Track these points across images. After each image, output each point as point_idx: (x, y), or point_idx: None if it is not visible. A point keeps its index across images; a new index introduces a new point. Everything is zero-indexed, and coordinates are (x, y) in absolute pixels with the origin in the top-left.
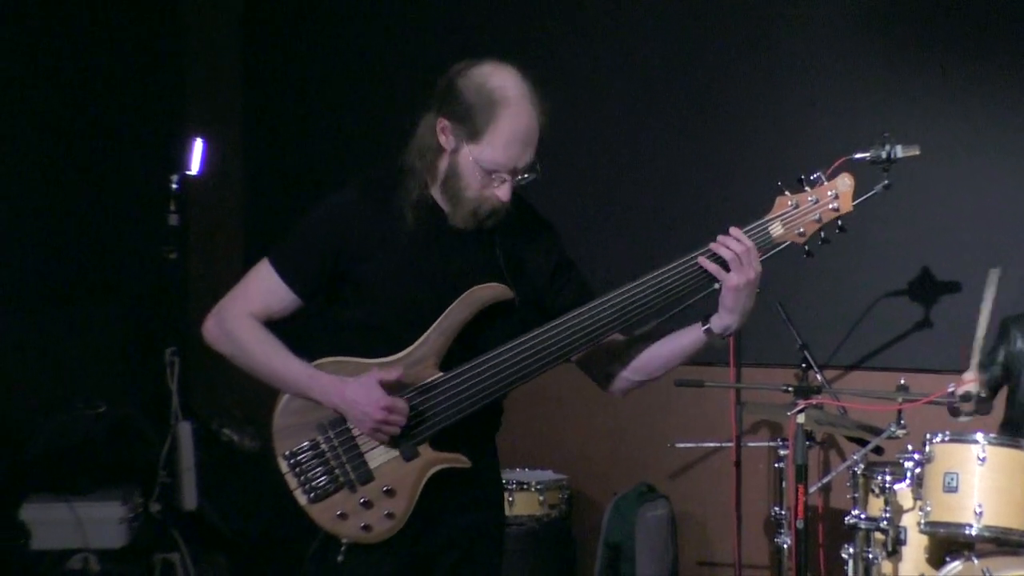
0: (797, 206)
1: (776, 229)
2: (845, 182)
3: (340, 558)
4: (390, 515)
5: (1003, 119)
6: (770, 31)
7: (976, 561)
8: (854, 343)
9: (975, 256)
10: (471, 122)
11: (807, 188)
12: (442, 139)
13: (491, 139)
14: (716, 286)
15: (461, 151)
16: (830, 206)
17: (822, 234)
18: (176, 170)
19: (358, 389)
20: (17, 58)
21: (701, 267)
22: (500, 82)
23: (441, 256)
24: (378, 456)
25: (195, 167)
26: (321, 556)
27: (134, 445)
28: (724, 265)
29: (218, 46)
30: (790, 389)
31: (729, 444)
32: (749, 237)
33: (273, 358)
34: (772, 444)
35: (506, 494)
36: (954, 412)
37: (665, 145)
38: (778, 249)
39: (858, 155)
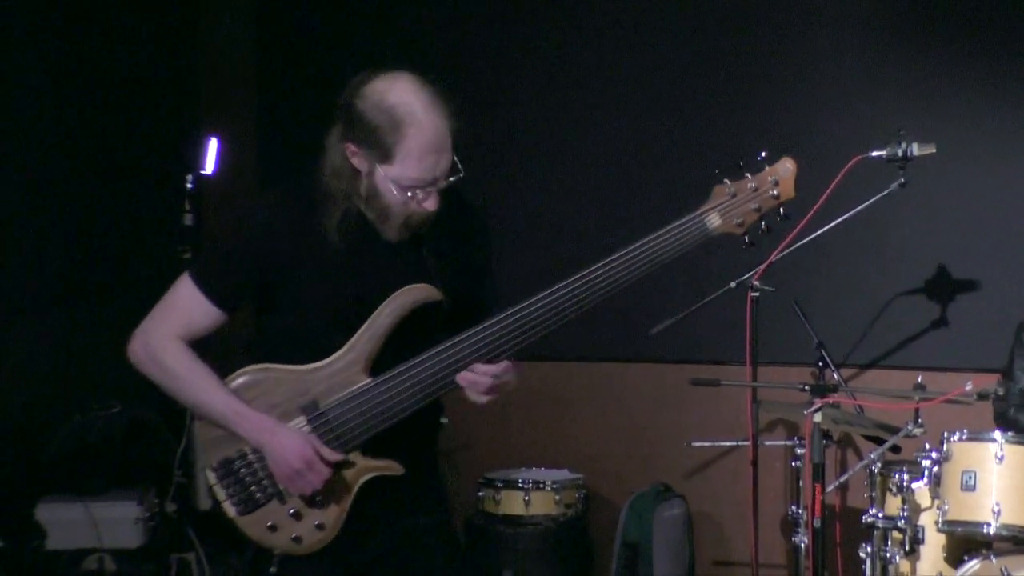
0: (735, 195)
1: (713, 220)
2: (786, 167)
3: (273, 569)
4: (320, 526)
5: (1021, 116)
6: (784, 28)
7: (994, 560)
8: (871, 341)
9: (992, 254)
10: (379, 143)
11: (747, 175)
12: (355, 161)
13: (403, 158)
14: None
15: (376, 173)
16: (770, 193)
17: (763, 223)
18: (190, 169)
19: (288, 436)
20: (30, 58)
21: (634, 268)
22: (398, 97)
23: (368, 260)
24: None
25: (210, 166)
26: (254, 568)
27: (149, 445)
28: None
29: (232, 44)
30: (807, 388)
31: (746, 443)
32: (684, 229)
33: (199, 391)
34: (789, 443)
35: (522, 494)
36: (1003, 418)
37: (671, 144)
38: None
39: (874, 153)
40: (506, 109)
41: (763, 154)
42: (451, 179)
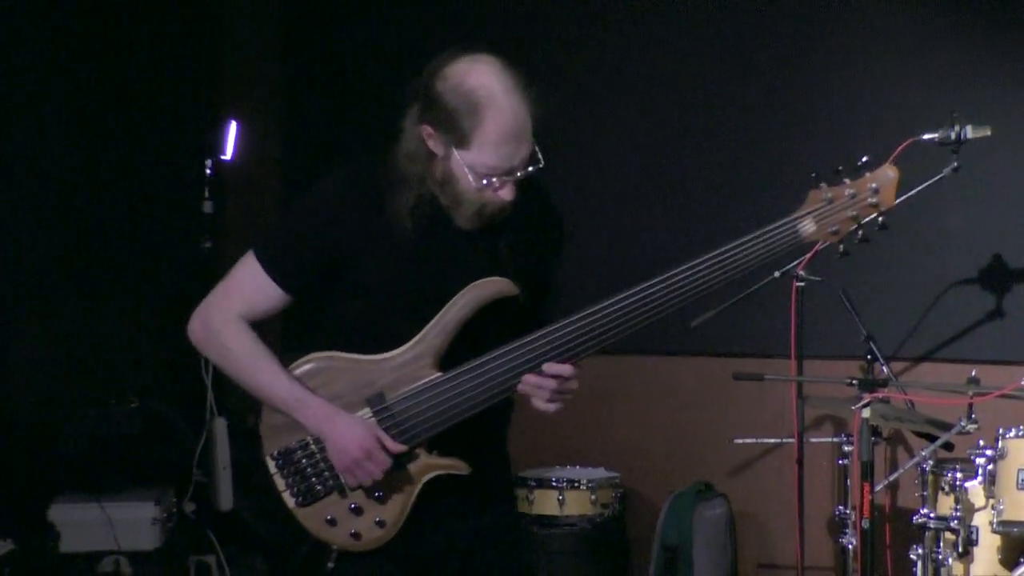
0: (831, 201)
1: (807, 226)
2: (887, 174)
3: (331, 565)
4: (380, 522)
5: None
6: (834, 7)
7: None
8: (922, 334)
9: None
10: (456, 127)
11: (845, 180)
12: (430, 144)
13: (480, 143)
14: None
15: (452, 157)
16: (869, 201)
17: (859, 232)
18: (210, 155)
19: (349, 423)
20: (43, 38)
21: (726, 272)
22: (478, 80)
23: (441, 249)
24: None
25: (229, 152)
26: (311, 563)
27: (167, 443)
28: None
29: (255, 21)
30: (855, 382)
31: (791, 440)
32: (776, 234)
33: (259, 372)
34: (836, 440)
35: (556, 493)
36: None
37: (718, 128)
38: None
39: (926, 136)
40: (584, 103)
41: (864, 159)
42: (530, 169)
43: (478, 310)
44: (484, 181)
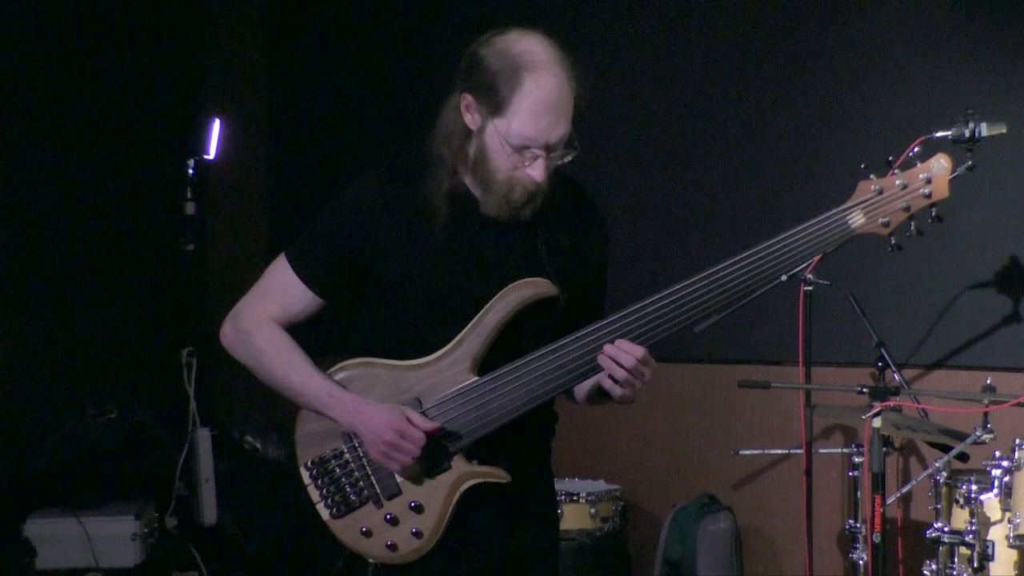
0: (882, 192)
1: (856, 219)
2: (941, 164)
3: None
4: (417, 533)
5: None
6: (848, 4)
7: None
8: (936, 339)
9: None
10: (495, 92)
11: (895, 171)
12: (467, 118)
13: (518, 109)
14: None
15: (487, 129)
16: (921, 191)
17: (912, 225)
18: (192, 154)
19: (379, 410)
20: (17, 36)
21: (775, 264)
22: (525, 46)
23: (476, 249)
24: (407, 467)
25: (212, 150)
26: None
27: (148, 454)
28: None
29: (239, 15)
30: (865, 390)
31: (798, 451)
32: (825, 226)
33: (292, 371)
34: (846, 451)
35: None
36: None
37: (735, 127)
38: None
39: (939, 134)
40: (619, 94)
41: (915, 149)
42: (565, 153)
43: (517, 313)
44: (518, 155)
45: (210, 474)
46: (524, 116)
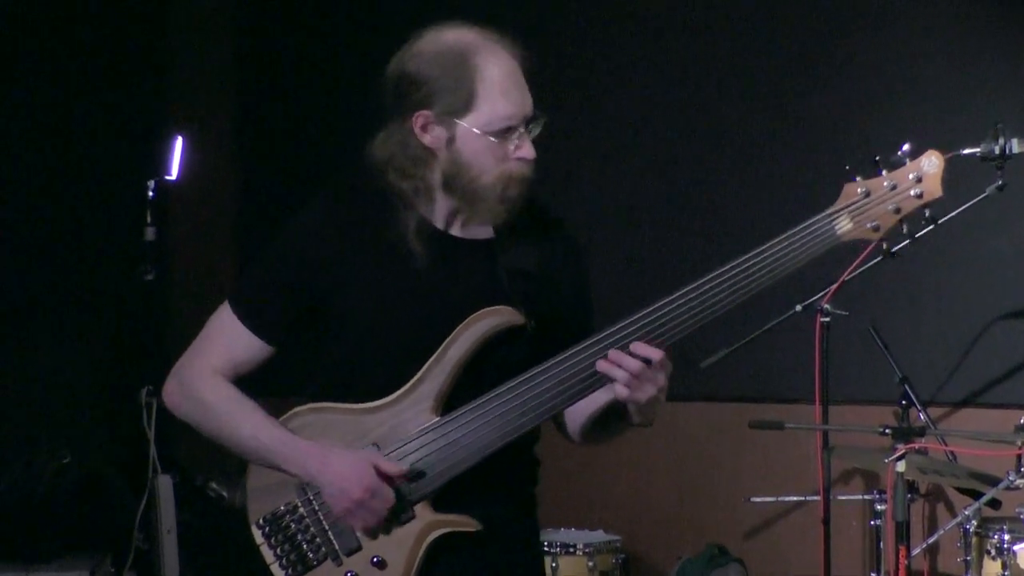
0: (869, 194)
1: (843, 224)
2: (932, 161)
3: None
4: None
5: None
6: (867, 10)
7: None
8: (964, 375)
9: None
10: (455, 91)
11: (883, 171)
12: (427, 139)
13: (487, 94)
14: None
15: (459, 134)
16: (912, 192)
17: (904, 228)
18: (152, 175)
19: (346, 461)
20: None
21: (759, 276)
22: (455, 37)
23: (435, 279)
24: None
25: (174, 171)
26: None
27: (104, 503)
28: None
29: (205, 25)
30: (888, 431)
31: (815, 498)
32: (810, 233)
33: (242, 424)
34: (867, 497)
35: (549, 559)
36: None
37: (741, 140)
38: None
39: (967, 150)
40: (591, 102)
41: (904, 147)
42: (539, 123)
43: (482, 344)
44: (505, 143)
45: (172, 525)
46: (496, 97)
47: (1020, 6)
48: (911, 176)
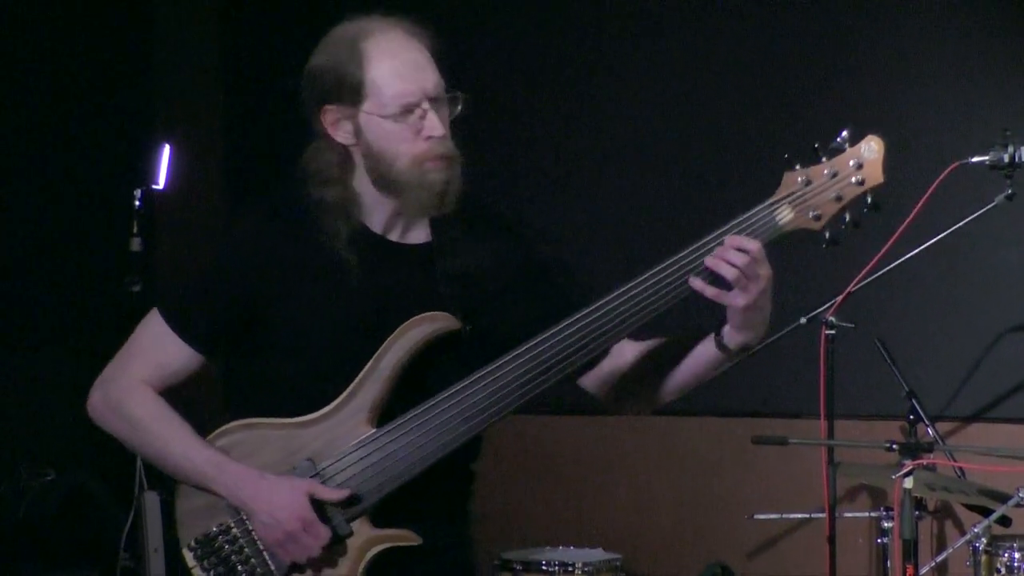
0: (809, 182)
1: (784, 214)
2: (871, 147)
3: None
4: None
5: None
6: (869, 13)
7: None
8: (974, 389)
9: None
10: (348, 81)
11: (823, 159)
12: (339, 135)
13: (376, 77)
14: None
15: (362, 123)
16: (852, 179)
17: (846, 216)
18: (139, 184)
19: (279, 488)
20: None
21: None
22: (350, 26)
23: (369, 286)
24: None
25: (161, 179)
26: None
27: (90, 521)
28: (722, 282)
29: (193, 31)
30: (895, 446)
31: (820, 515)
32: (750, 225)
33: (170, 442)
34: (873, 515)
35: None
36: None
37: (731, 143)
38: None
39: (974, 159)
40: (532, 104)
41: (843, 133)
42: (453, 101)
43: (417, 352)
44: (408, 125)
45: (159, 543)
46: (386, 76)
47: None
48: (851, 163)
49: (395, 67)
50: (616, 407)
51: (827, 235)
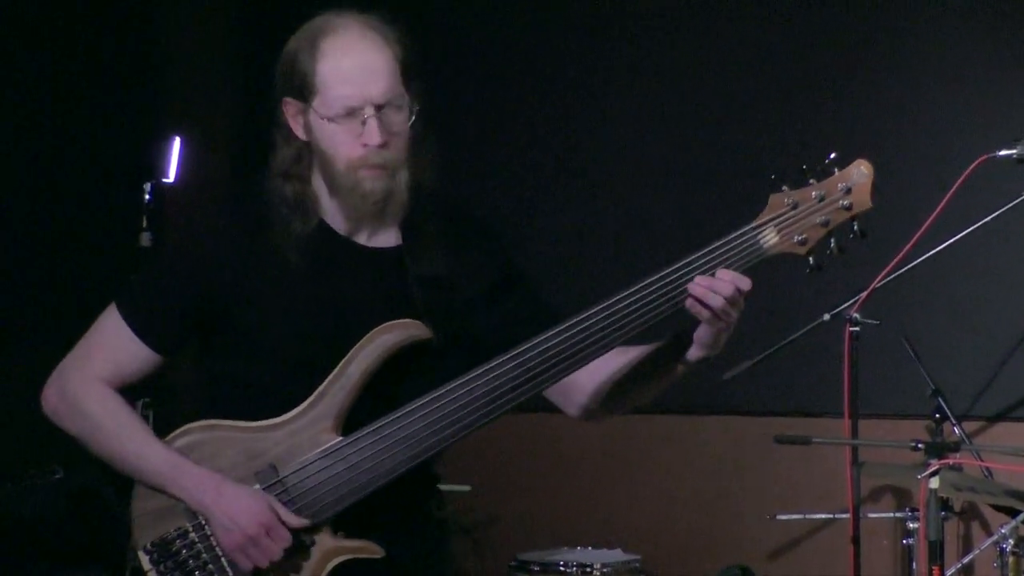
0: (796, 206)
1: (769, 237)
2: (861, 171)
3: None
4: None
5: None
6: (893, 5)
7: None
8: (1001, 387)
9: None
10: (302, 75)
11: (811, 181)
12: (297, 130)
13: (324, 76)
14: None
15: (310, 119)
16: (840, 203)
17: (832, 241)
18: (148, 177)
19: (239, 494)
20: None
21: (673, 298)
22: (321, 20)
23: (337, 289)
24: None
25: (171, 173)
26: None
27: (99, 521)
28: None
29: (205, 21)
30: (921, 446)
31: (844, 516)
32: (733, 248)
33: (128, 441)
34: (898, 515)
35: None
36: None
37: (740, 146)
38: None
39: (1002, 152)
40: (518, 109)
41: (832, 155)
42: (401, 111)
43: (385, 360)
44: (347, 130)
45: None
46: (334, 79)
47: None
48: (840, 187)
49: (343, 68)
50: (581, 418)
51: (811, 261)
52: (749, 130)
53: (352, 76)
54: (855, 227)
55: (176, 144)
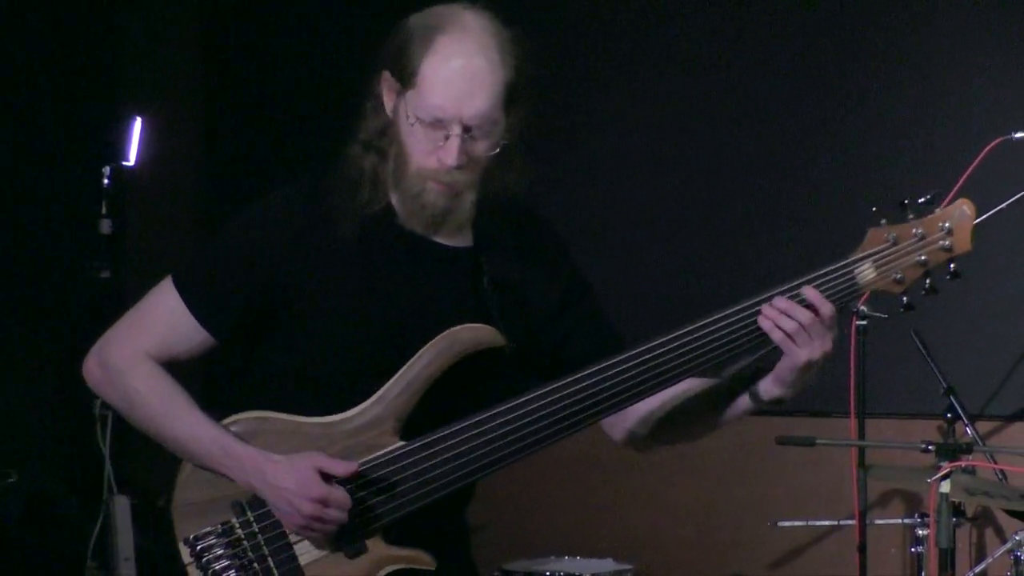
0: (896, 242)
1: (867, 273)
2: (963, 211)
3: None
4: None
5: None
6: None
7: None
8: (1016, 386)
9: None
10: (408, 60)
11: (911, 216)
12: (387, 99)
13: (425, 76)
14: None
15: (400, 107)
16: (940, 244)
17: (927, 282)
18: (107, 160)
19: (287, 471)
20: None
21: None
22: (449, 11)
23: (406, 286)
24: (312, 548)
25: (132, 156)
26: None
27: (54, 527)
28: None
29: None
30: (931, 447)
31: (850, 522)
32: (829, 281)
33: (176, 420)
34: (907, 521)
35: None
36: None
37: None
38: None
39: (1018, 135)
40: (584, 119)
41: (932, 193)
42: (488, 142)
43: (451, 365)
44: (430, 135)
45: (130, 551)
46: (433, 82)
47: None
48: (940, 226)
49: (446, 76)
50: (626, 445)
51: (904, 300)
52: (760, 120)
53: (451, 89)
54: (951, 267)
55: (137, 125)
